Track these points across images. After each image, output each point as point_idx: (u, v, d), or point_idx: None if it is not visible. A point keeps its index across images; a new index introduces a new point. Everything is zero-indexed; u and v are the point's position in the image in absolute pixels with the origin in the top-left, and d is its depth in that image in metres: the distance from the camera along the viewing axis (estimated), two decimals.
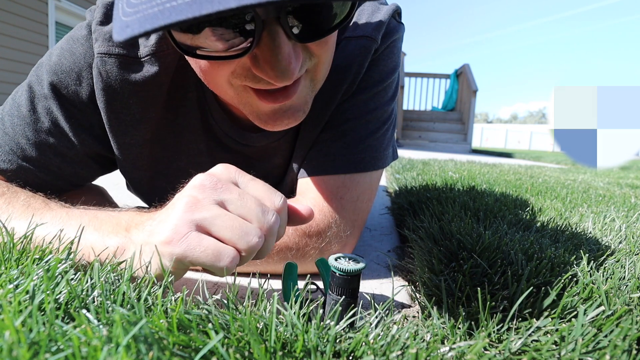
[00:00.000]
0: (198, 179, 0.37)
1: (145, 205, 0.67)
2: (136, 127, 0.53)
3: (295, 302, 0.35)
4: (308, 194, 0.56)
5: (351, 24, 0.55)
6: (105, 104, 0.51)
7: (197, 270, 0.55)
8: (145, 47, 0.50)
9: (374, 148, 0.58)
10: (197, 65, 0.41)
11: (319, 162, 0.57)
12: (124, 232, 0.40)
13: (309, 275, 0.41)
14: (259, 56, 0.36)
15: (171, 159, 0.58)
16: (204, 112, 0.56)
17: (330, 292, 0.37)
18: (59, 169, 0.54)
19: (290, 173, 0.63)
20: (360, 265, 0.37)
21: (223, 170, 0.39)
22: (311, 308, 0.35)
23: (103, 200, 0.65)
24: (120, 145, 0.55)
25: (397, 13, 0.59)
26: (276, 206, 0.38)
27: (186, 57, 0.43)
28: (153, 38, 0.49)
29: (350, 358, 0.29)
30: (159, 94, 0.52)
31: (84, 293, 0.32)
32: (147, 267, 0.37)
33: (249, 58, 0.37)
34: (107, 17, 0.50)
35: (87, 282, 0.34)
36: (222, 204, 0.36)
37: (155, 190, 0.60)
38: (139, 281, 0.36)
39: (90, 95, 0.51)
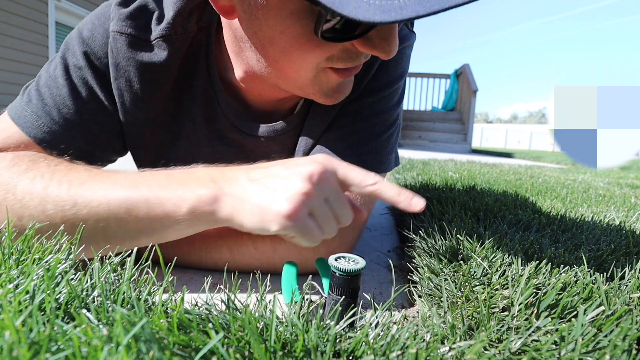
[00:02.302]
0: (317, 167, 0.41)
1: None
2: (138, 106, 0.54)
3: (295, 302, 0.35)
4: None
5: None
6: (113, 79, 0.52)
7: (198, 269, 0.55)
8: (155, 30, 0.51)
9: (377, 151, 0.58)
10: (277, 46, 0.43)
11: None
12: (211, 184, 0.42)
13: (310, 276, 0.41)
14: (373, 36, 0.41)
15: (170, 145, 0.59)
16: (209, 101, 0.57)
17: (330, 292, 0.37)
18: (98, 137, 0.54)
19: None
20: (361, 265, 0.37)
21: (328, 164, 0.42)
22: (311, 308, 0.35)
23: None
24: (126, 123, 0.55)
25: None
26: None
27: (270, 36, 0.43)
28: (164, 22, 0.50)
29: (350, 358, 0.29)
30: (164, 78, 0.53)
31: (84, 293, 0.32)
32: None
33: (360, 39, 0.41)
34: (126, 0, 0.51)
35: (87, 282, 0.34)
36: (327, 198, 0.41)
37: None
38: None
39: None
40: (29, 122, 0.50)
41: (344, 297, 0.36)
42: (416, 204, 0.40)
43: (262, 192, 0.40)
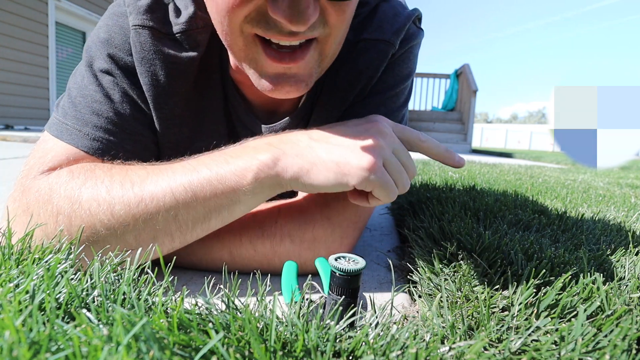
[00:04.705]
0: (383, 123, 0.46)
1: None
2: (166, 101, 0.53)
3: (295, 302, 0.35)
4: (313, 193, 0.56)
5: (372, 25, 0.56)
6: (140, 75, 0.52)
7: (198, 269, 0.55)
8: (176, 24, 0.51)
9: None
10: (214, 5, 0.42)
11: None
12: (271, 148, 0.44)
13: (309, 275, 0.41)
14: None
15: (193, 139, 0.59)
16: (225, 96, 0.57)
17: (330, 292, 0.37)
18: (142, 136, 0.54)
19: None
20: (360, 265, 0.37)
21: (387, 121, 0.47)
22: (311, 308, 0.35)
23: None
24: (155, 117, 0.55)
25: (417, 18, 0.59)
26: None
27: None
28: (184, 16, 0.51)
29: (350, 358, 0.29)
30: (187, 72, 0.53)
31: (84, 293, 0.32)
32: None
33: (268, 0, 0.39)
34: None
35: (87, 281, 0.34)
36: (395, 150, 0.44)
37: None
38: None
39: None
40: (72, 134, 0.49)
41: (344, 297, 0.36)
42: (460, 160, 0.48)
43: (334, 149, 0.42)
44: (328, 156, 0.42)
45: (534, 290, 0.39)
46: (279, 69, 0.44)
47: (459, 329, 0.34)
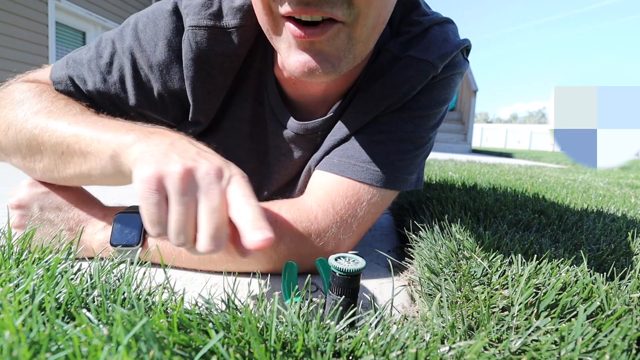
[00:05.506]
0: (218, 166, 0.38)
1: None
2: (217, 95, 0.57)
3: (295, 302, 0.35)
4: (317, 191, 0.57)
5: (420, 45, 0.56)
6: (193, 73, 0.54)
7: (198, 271, 0.55)
8: (233, 19, 0.53)
9: (398, 168, 0.58)
10: None
11: (341, 161, 0.58)
12: (146, 134, 0.43)
13: (309, 275, 0.41)
14: None
15: (217, 119, 0.62)
16: (261, 84, 0.60)
17: (330, 292, 0.37)
18: (110, 114, 0.56)
19: (307, 172, 0.64)
20: (360, 265, 0.37)
21: (238, 174, 0.39)
22: (311, 308, 0.35)
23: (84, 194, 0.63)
24: (199, 110, 0.59)
25: (466, 49, 0.60)
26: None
27: None
28: (241, 10, 0.52)
29: (350, 358, 0.29)
30: (236, 66, 0.56)
31: (84, 293, 0.32)
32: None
33: None
34: None
35: (87, 282, 0.34)
36: (197, 202, 0.36)
37: None
38: None
39: (159, 64, 0.55)
40: (62, 81, 0.56)
41: (344, 297, 0.36)
42: (255, 239, 0.33)
43: (148, 153, 0.39)
44: (147, 156, 0.39)
45: (534, 290, 0.39)
46: (305, 45, 0.44)
47: (459, 329, 0.34)
